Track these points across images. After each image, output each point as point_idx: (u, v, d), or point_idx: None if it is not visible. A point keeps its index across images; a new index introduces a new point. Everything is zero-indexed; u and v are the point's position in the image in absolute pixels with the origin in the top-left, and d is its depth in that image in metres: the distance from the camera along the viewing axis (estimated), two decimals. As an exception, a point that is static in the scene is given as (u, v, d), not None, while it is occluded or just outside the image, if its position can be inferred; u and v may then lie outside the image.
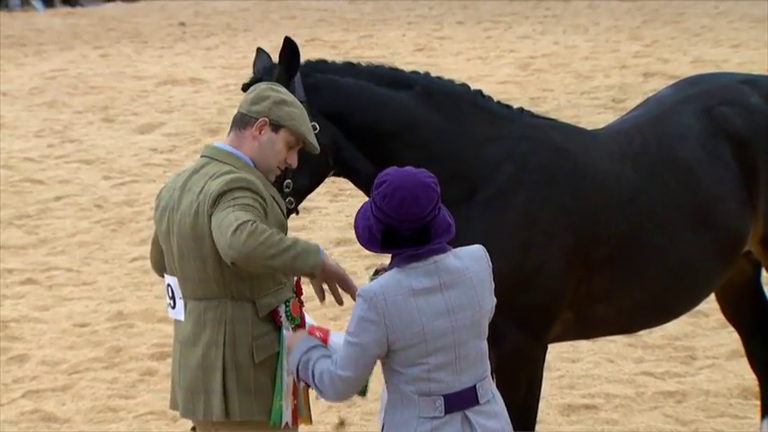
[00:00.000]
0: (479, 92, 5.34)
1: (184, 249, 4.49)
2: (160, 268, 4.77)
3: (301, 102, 4.83)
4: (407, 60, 16.38)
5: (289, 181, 4.96)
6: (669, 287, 5.48)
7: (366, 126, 5.07)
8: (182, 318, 4.57)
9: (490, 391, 4.27)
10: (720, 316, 8.17)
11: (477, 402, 4.20)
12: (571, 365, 7.64)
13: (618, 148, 5.44)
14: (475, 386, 4.21)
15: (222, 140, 4.71)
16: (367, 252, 9.96)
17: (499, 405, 4.30)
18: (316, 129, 4.87)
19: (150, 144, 13.57)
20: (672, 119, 5.59)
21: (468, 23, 21.51)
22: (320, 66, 5.17)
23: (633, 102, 14.59)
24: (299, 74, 5.05)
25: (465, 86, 5.34)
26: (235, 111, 4.73)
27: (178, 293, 4.57)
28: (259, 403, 4.49)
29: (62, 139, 13.87)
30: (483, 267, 4.27)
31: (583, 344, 7.80)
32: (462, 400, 4.19)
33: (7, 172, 12.49)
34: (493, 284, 4.32)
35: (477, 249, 4.31)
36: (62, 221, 10.95)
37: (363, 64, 5.27)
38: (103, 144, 13.61)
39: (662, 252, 5.40)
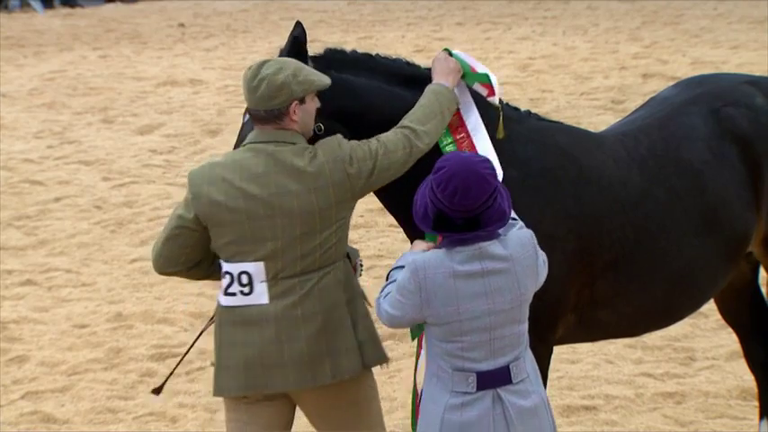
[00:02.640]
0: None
1: (306, 227, 4.60)
2: (176, 264, 4.79)
3: None
4: (407, 61, 16.35)
5: None
6: (674, 291, 5.46)
7: (377, 126, 5.01)
8: (265, 301, 4.65)
9: (525, 371, 4.41)
10: (720, 317, 8.16)
11: (509, 382, 4.36)
12: (570, 367, 7.64)
13: (624, 151, 5.41)
14: (508, 366, 4.36)
15: (258, 131, 4.71)
16: (371, 243, 10.00)
17: (534, 385, 4.44)
18: (321, 130, 4.88)
19: (150, 145, 13.56)
20: (678, 120, 5.56)
21: (468, 25, 21.51)
22: (337, 59, 5.08)
23: (632, 103, 14.61)
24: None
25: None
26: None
27: (260, 278, 4.64)
28: (381, 347, 4.79)
29: (61, 141, 13.87)
30: (529, 254, 4.41)
31: (582, 345, 7.79)
32: (495, 379, 4.34)
33: (6, 173, 12.49)
34: (541, 268, 4.48)
35: (525, 235, 4.45)
36: (61, 222, 10.95)
37: (381, 57, 5.20)
38: (103, 145, 13.61)
39: (667, 256, 5.38)
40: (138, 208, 11.30)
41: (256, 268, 4.65)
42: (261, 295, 4.66)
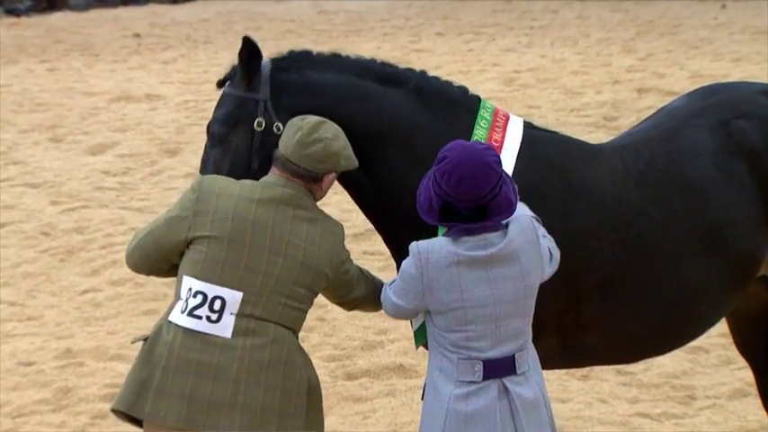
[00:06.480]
0: (477, 97, 5.35)
1: (300, 279, 4.74)
2: (153, 271, 4.86)
3: (264, 100, 4.98)
4: (382, 75, 16.40)
5: None
6: (670, 316, 5.47)
7: (346, 123, 5.03)
8: (227, 335, 4.68)
9: (527, 362, 4.68)
10: (722, 352, 8.23)
11: (514, 372, 4.62)
12: (560, 406, 7.64)
13: (622, 166, 5.43)
14: (514, 356, 4.62)
15: (284, 179, 4.83)
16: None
17: (537, 375, 4.72)
18: (279, 129, 4.95)
19: (102, 166, 13.55)
20: (684, 133, 5.57)
21: (449, 35, 21.60)
22: (301, 59, 5.13)
23: (626, 120, 14.70)
24: (268, 70, 5.06)
25: (462, 89, 5.35)
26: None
27: (232, 309, 4.69)
28: (321, 418, 4.90)
29: (6, 161, 13.85)
30: (529, 238, 4.65)
31: (573, 383, 7.81)
32: (500, 368, 4.61)
33: (-55, 197, 12.47)
34: (546, 255, 4.73)
35: (524, 219, 4.68)
36: (5, 251, 10.92)
37: (353, 57, 5.26)
38: (51, 166, 13.59)
39: (662, 279, 5.39)
40: (89, 234, 11.28)
41: (233, 298, 4.69)
42: (226, 328, 4.69)
